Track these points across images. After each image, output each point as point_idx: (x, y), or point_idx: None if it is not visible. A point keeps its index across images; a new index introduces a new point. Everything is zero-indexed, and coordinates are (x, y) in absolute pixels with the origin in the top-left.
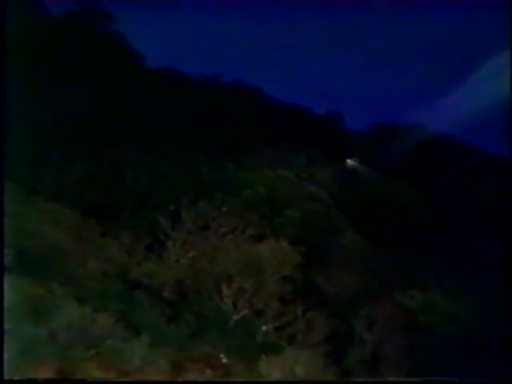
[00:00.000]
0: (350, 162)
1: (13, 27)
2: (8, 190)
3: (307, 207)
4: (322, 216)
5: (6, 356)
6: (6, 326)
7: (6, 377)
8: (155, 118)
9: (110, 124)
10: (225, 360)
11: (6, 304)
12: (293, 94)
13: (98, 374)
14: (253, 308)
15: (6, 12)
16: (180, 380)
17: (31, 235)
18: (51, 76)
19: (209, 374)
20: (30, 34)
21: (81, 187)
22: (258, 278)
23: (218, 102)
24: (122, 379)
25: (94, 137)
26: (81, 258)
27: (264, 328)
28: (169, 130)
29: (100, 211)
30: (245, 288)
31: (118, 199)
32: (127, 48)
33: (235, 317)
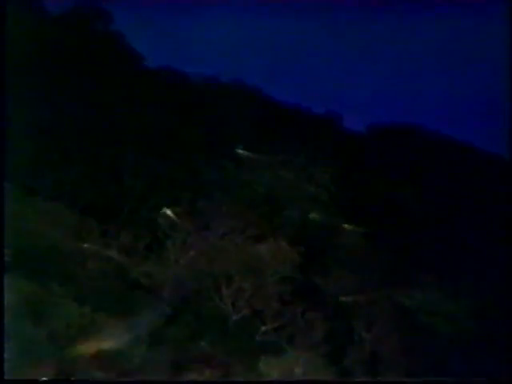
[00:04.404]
0: None
1: (13, 27)
2: (8, 190)
3: (307, 207)
4: (321, 216)
5: (5, 356)
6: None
7: (6, 377)
8: (154, 117)
9: (108, 124)
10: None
11: (5, 304)
12: (293, 94)
13: (97, 374)
14: (252, 308)
15: (5, 12)
16: (179, 380)
17: (30, 235)
18: (50, 76)
19: (208, 373)
20: (30, 33)
21: (80, 187)
22: (257, 278)
23: (217, 101)
24: (122, 379)
25: (93, 137)
26: (80, 258)
27: (263, 328)
28: (168, 129)
29: (99, 211)
30: (244, 288)
31: (117, 199)
32: (126, 48)
33: (234, 317)
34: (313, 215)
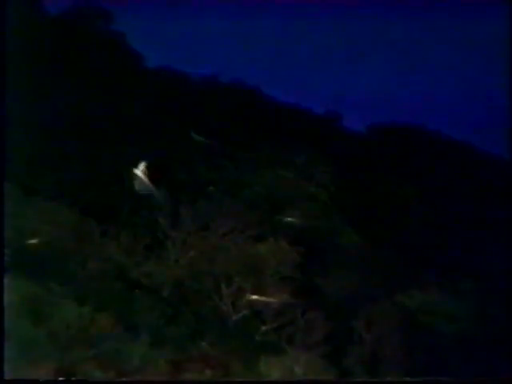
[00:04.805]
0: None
1: (12, 27)
2: (7, 190)
3: (307, 207)
4: (321, 216)
5: (5, 356)
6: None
7: (6, 377)
8: (154, 117)
9: (108, 123)
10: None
11: (4, 304)
12: (293, 94)
13: (97, 374)
14: (252, 308)
15: (5, 12)
16: (179, 380)
17: (30, 235)
18: (50, 76)
19: (208, 373)
20: (30, 33)
21: (79, 187)
22: (257, 278)
23: (217, 101)
24: (122, 379)
25: (93, 136)
26: (80, 258)
27: (263, 328)
28: (167, 129)
29: (99, 211)
30: (244, 288)
31: (116, 199)
32: (126, 48)
33: (234, 317)
34: (313, 215)
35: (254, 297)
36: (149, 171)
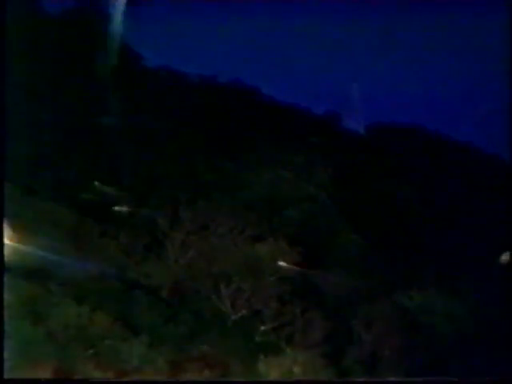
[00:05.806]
0: None
1: (12, 27)
2: (6, 190)
3: (306, 207)
4: (320, 216)
5: (5, 356)
6: None
7: (5, 376)
8: (153, 117)
9: (108, 124)
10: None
11: (4, 304)
12: (292, 94)
13: (96, 374)
14: (251, 308)
15: (5, 12)
16: (179, 380)
17: (30, 235)
18: (50, 76)
19: (207, 373)
20: (30, 33)
21: (79, 187)
22: (256, 278)
23: (216, 101)
24: (121, 379)
25: (92, 136)
26: (79, 258)
27: (262, 328)
28: (166, 129)
29: (99, 211)
30: (243, 288)
31: (116, 199)
32: (125, 48)
33: (233, 317)
34: (312, 215)
35: None
36: None
